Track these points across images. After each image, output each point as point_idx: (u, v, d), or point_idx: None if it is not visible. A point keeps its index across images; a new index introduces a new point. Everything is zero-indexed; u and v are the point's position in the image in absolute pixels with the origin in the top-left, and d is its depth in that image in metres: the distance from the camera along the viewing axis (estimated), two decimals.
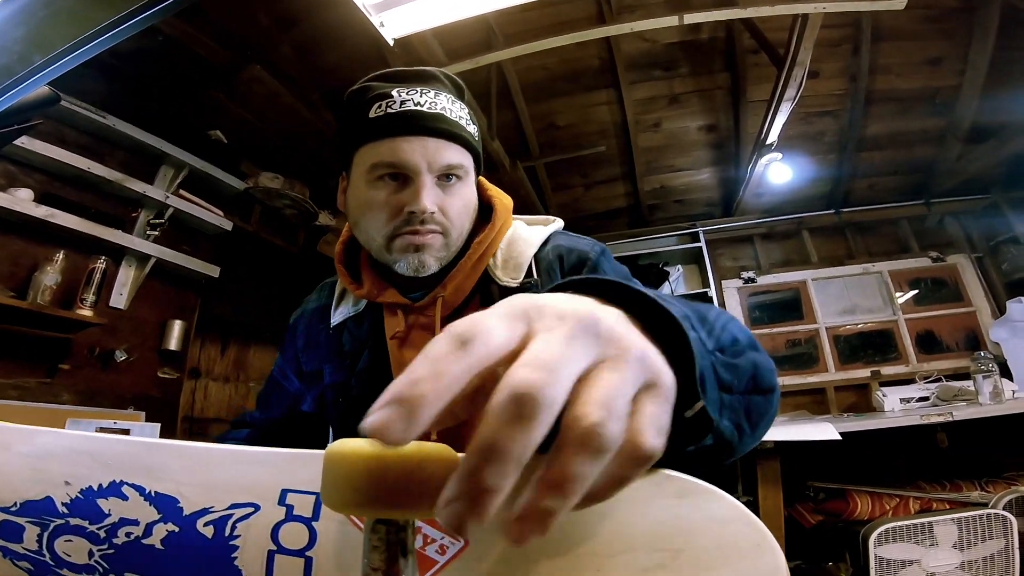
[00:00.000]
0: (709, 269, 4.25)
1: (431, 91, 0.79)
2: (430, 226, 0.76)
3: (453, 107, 0.80)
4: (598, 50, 3.45)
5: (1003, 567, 2.09)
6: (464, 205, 0.81)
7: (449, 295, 0.81)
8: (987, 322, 3.84)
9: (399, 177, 0.77)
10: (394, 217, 0.76)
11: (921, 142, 4.00)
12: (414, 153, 0.75)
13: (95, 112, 2.49)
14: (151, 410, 2.68)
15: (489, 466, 0.23)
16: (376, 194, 0.77)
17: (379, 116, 0.77)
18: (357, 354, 0.86)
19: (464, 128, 0.80)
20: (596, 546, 0.38)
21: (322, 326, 0.91)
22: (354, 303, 0.89)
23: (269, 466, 0.47)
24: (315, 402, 0.91)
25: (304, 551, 0.45)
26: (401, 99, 0.77)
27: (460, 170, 0.79)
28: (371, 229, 0.79)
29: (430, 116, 0.77)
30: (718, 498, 0.38)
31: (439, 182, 0.78)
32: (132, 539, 0.47)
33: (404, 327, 0.82)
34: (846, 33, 3.43)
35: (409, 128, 0.76)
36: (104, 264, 2.45)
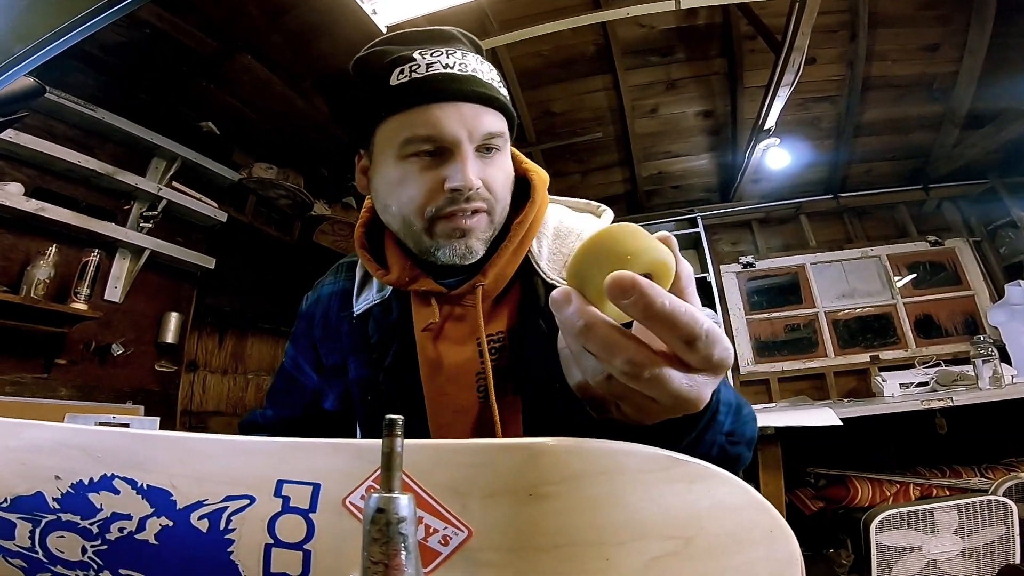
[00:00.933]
0: (707, 254, 4.23)
1: (456, 51, 0.70)
2: (475, 203, 0.69)
3: (482, 68, 0.71)
4: (594, 36, 3.43)
5: (1004, 554, 2.10)
6: (506, 177, 0.74)
7: (490, 283, 0.72)
8: (985, 306, 3.85)
9: (436, 150, 0.68)
10: (434, 196, 0.68)
11: (918, 128, 4.00)
12: (451, 122, 0.67)
13: (84, 105, 2.46)
14: (150, 404, 2.67)
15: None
16: (410, 172, 0.69)
17: (404, 83, 0.67)
18: (385, 346, 0.77)
19: (499, 91, 0.72)
20: (604, 534, 0.37)
21: (343, 314, 0.82)
22: (379, 288, 0.80)
23: (263, 456, 0.46)
24: (339, 400, 0.81)
25: (302, 544, 0.43)
26: (427, 62, 0.68)
27: (500, 138, 0.71)
28: (407, 211, 0.70)
29: (463, 79, 0.68)
30: (729, 483, 0.37)
31: (479, 153, 0.69)
32: (125, 534, 0.46)
33: (439, 318, 0.74)
34: (843, 19, 3.42)
35: (442, 94, 0.67)
36: (97, 257, 2.43)
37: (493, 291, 0.73)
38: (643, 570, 0.36)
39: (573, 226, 0.79)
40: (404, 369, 0.75)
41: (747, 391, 4.07)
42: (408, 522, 0.28)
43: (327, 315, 0.85)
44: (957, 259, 4.10)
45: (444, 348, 0.73)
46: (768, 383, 4.05)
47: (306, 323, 0.88)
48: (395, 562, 0.27)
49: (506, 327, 0.74)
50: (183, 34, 2.60)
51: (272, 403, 0.92)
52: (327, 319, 0.84)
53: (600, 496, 0.37)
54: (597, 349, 0.36)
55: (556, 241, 0.77)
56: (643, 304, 0.33)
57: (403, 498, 0.30)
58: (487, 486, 0.40)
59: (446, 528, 0.39)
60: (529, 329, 0.73)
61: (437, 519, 0.39)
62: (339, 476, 0.42)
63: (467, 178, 0.66)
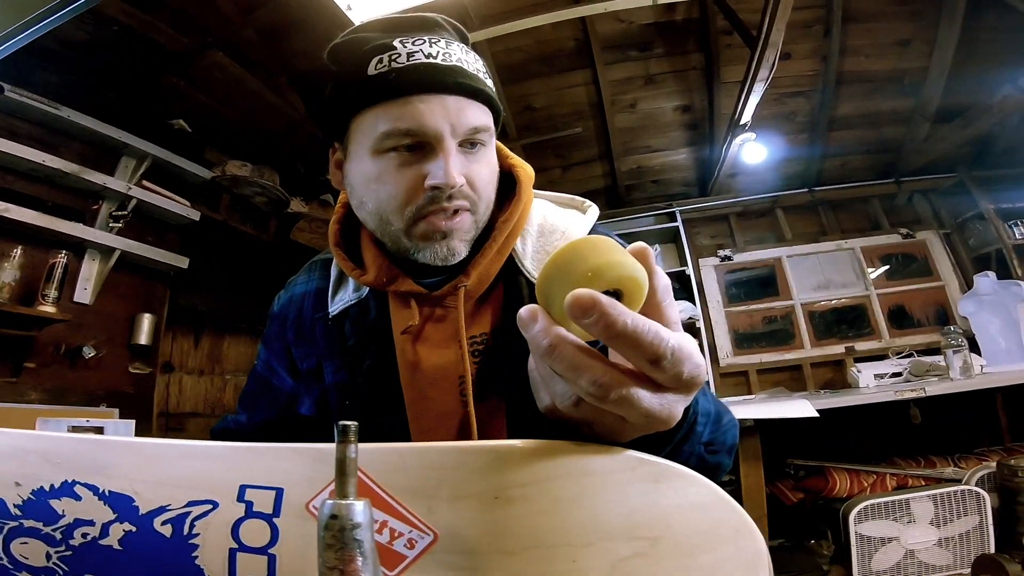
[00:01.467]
0: (686, 247, 4.27)
1: (439, 39, 0.66)
2: (457, 202, 0.65)
3: (467, 57, 0.67)
4: (573, 31, 3.43)
5: (979, 543, 2.15)
6: (491, 173, 0.70)
7: (472, 284, 0.70)
8: (955, 296, 3.94)
9: (416, 146, 0.64)
10: (414, 195, 0.64)
11: (891, 122, 4.07)
12: (434, 115, 0.63)
13: (47, 104, 2.40)
14: (124, 406, 2.62)
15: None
16: (388, 168, 0.65)
17: (383, 72, 0.63)
18: (363, 349, 0.74)
19: (484, 82, 0.68)
20: (571, 536, 0.37)
21: (318, 315, 0.78)
22: (355, 288, 0.76)
23: (225, 461, 0.45)
24: (316, 405, 0.78)
25: (267, 548, 0.43)
26: (407, 50, 0.64)
27: (485, 133, 0.68)
28: (385, 211, 0.67)
29: (447, 69, 0.64)
30: (695, 482, 0.37)
31: (462, 148, 0.66)
32: (89, 540, 0.46)
33: (418, 321, 0.71)
34: (818, 15, 3.47)
35: (424, 85, 0.63)
36: (65, 258, 2.38)
37: (476, 292, 0.71)
38: (610, 571, 0.36)
39: (557, 223, 0.76)
40: (383, 372, 0.73)
41: (727, 383, 4.13)
42: (363, 528, 0.28)
43: (300, 316, 0.80)
44: (928, 251, 4.19)
45: (425, 351, 0.71)
46: (747, 375, 4.11)
47: (278, 325, 0.83)
48: (351, 568, 0.27)
49: (489, 328, 0.72)
50: (152, 30, 2.54)
51: (245, 408, 0.87)
52: (300, 320, 0.80)
53: (566, 498, 0.37)
54: (563, 370, 0.35)
55: (541, 239, 0.75)
56: (604, 324, 0.32)
57: (357, 504, 0.29)
58: (453, 489, 0.39)
59: (411, 532, 0.39)
60: (514, 330, 0.70)
61: (402, 523, 0.39)
62: (302, 480, 0.42)
63: (450, 175, 0.62)
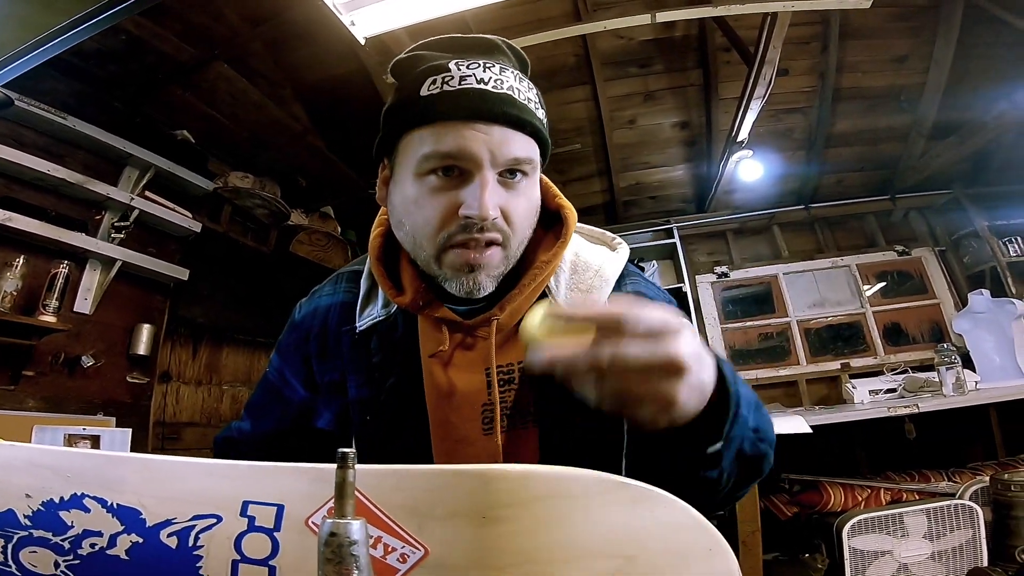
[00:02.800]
0: (683, 264, 4.29)
1: (495, 65, 0.66)
2: (489, 235, 0.64)
3: (521, 86, 0.66)
4: (574, 47, 3.46)
5: (972, 556, 2.15)
6: (529, 208, 0.70)
7: (504, 318, 0.70)
8: (951, 314, 3.96)
9: (455, 171, 0.64)
10: (447, 222, 0.64)
11: (887, 139, 4.10)
12: (475, 142, 0.62)
13: (55, 113, 2.42)
14: (121, 415, 2.62)
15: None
16: (426, 191, 0.65)
17: (434, 94, 0.63)
18: (388, 367, 0.74)
19: (534, 113, 0.67)
20: (551, 553, 0.39)
21: (345, 329, 0.77)
22: (383, 304, 0.76)
23: (229, 478, 0.47)
24: (336, 419, 0.77)
25: (267, 560, 0.45)
26: (460, 74, 0.64)
27: (528, 165, 0.67)
28: (418, 234, 0.67)
29: (496, 97, 0.63)
30: (671, 504, 0.39)
31: (502, 178, 0.65)
32: (97, 550, 0.48)
33: (448, 347, 0.71)
34: (815, 31, 3.50)
35: (471, 112, 0.63)
36: (67, 269, 2.39)
37: (507, 325, 0.71)
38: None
39: (591, 261, 0.77)
40: (407, 392, 0.73)
41: None
42: (360, 544, 0.30)
43: (325, 328, 0.79)
44: (923, 268, 4.21)
45: (452, 375, 0.72)
46: None
47: (299, 335, 0.82)
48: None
49: (516, 359, 0.72)
50: (161, 40, 2.58)
51: (251, 416, 0.87)
52: (325, 333, 0.79)
53: (548, 519, 0.39)
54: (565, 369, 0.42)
55: (574, 276, 0.75)
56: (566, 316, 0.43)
57: (355, 523, 0.32)
58: (443, 509, 0.42)
59: (404, 547, 0.41)
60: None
61: (395, 538, 0.41)
62: (302, 497, 0.44)
63: (483, 206, 0.62)
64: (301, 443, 0.82)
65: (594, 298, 0.74)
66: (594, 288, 0.74)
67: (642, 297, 0.78)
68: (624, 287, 0.78)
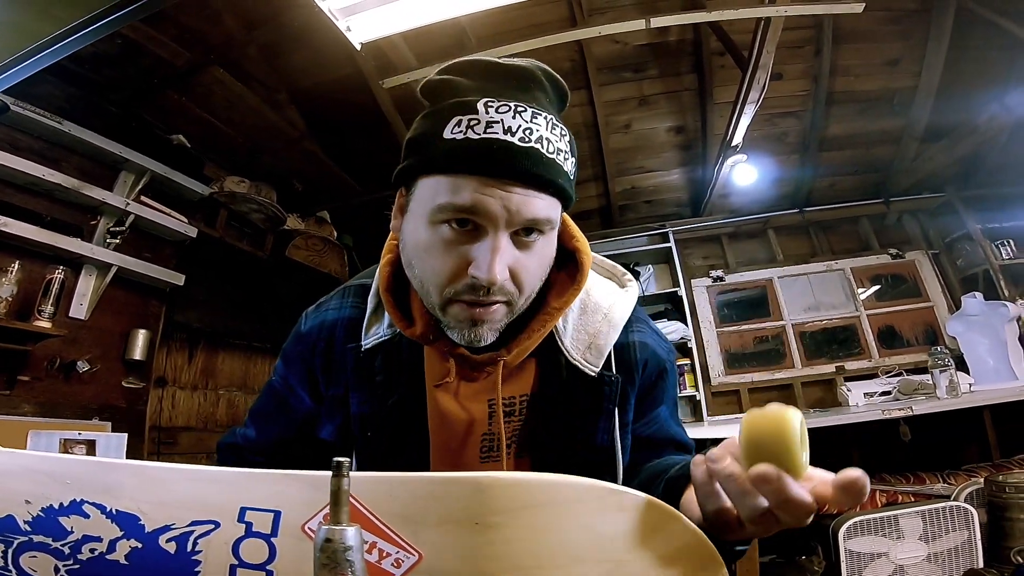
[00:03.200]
0: (679, 268, 4.29)
1: (528, 109, 0.62)
2: (495, 297, 0.63)
3: (552, 135, 0.63)
4: (569, 52, 3.47)
5: (967, 558, 2.16)
6: (540, 266, 0.68)
7: (511, 359, 0.72)
8: (944, 316, 3.98)
9: (469, 224, 0.62)
10: (455, 278, 0.63)
11: (880, 142, 4.12)
12: (492, 202, 0.60)
13: (50, 118, 2.42)
14: (117, 420, 2.62)
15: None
16: (438, 242, 0.63)
17: (457, 140, 0.60)
18: (390, 386, 0.75)
19: (560, 169, 0.64)
20: (543, 558, 0.40)
21: (350, 345, 0.77)
22: (388, 324, 0.76)
23: (227, 485, 0.48)
24: (338, 431, 0.78)
25: (264, 565, 0.46)
26: (487, 119, 0.60)
27: (546, 225, 0.65)
28: (426, 281, 0.66)
29: (521, 153, 0.60)
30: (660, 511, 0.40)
31: (516, 237, 0.63)
32: (96, 555, 0.49)
33: (455, 378, 0.73)
34: (808, 35, 3.51)
35: (491, 168, 0.60)
36: (62, 274, 2.39)
37: (512, 364, 0.73)
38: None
39: (600, 302, 0.77)
40: (408, 413, 0.75)
41: (718, 402, 4.14)
42: (354, 550, 0.31)
43: (331, 344, 0.80)
44: (917, 271, 4.24)
45: (454, 404, 0.74)
46: (738, 394, 4.13)
47: (304, 347, 0.82)
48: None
49: (518, 392, 0.75)
50: (156, 45, 2.58)
51: (255, 423, 0.87)
52: (331, 348, 0.80)
53: (540, 525, 0.40)
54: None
55: (582, 317, 0.76)
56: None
57: (349, 529, 0.33)
58: (437, 515, 0.43)
59: (398, 552, 0.42)
60: (547, 401, 0.75)
61: (390, 544, 0.42)
62: (298, 504, 0.45)
63: (492, 272, 0.60)
64: (305, 451, 0.82)
65: (600, 344, 0.75)
66: (600, 334, 0.75)
67: (645, 348, 0.79)
68: (630, 334, 0.79)
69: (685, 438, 0.84)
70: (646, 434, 0.81)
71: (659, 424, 0.82)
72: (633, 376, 0.78)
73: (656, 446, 0.81)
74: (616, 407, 0.75)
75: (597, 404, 0.75)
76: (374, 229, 4.23)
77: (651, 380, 0.80)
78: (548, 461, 0.74)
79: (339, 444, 0.78)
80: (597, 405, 0.75)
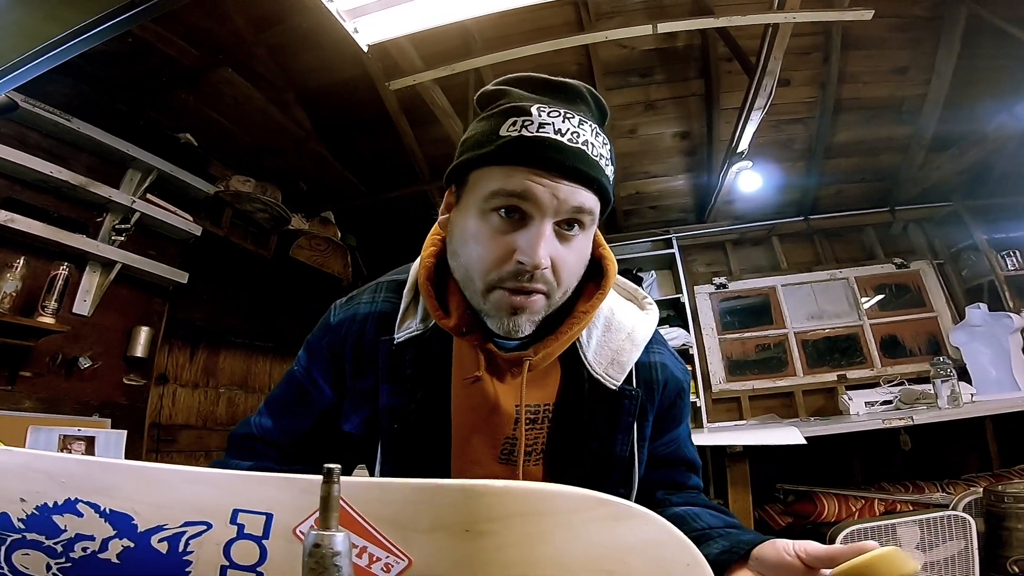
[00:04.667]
0: (682, 275, 4.29)
1: (575, 116, 0.67)
2: (537, 284, 0.66)
3: (596, 141, 0.68)
4: (576, 56, 3.47)
5: (964, 568, 2.15)
6: (579, 262, 0.71)
7: (536, 361, 0.73)
8: (948, 327, 3.96)
9: (516, 214, 0.66)
10: (501, 263, 0.66)
11: (887, 150, 4.10)
12: (542, 191, 0.64)
13: (59, 115, 2.44)
14: (117, 417, 2.63)
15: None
16: (486, 230, 0.67)
17: (512, 136, 0.65)
18: (419, 380, 0.77)
19: (603, 171, 0.68)
20: (533, 567, 0.40)
21: (383, 338, 0.79)
22: (422, 319, 0.78)
23: (220, 487, 0.48)
24: (364, 424, 0.79)
25: (255, 567, 0.46)
26: (540, 121, 0.65)
27: (588, 216, 0.68)
28: (471, 268, 0.69)
29: (570, 152, 0.65)
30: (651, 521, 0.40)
31: (559, 228, 0.67)
32: (89, 553, 0.49)
33: (484, 375, 0.75)
34: (817, 41, 3.49)
35: (543, 161, 0.64)
36: (67, 271, 2.40)
37: (538, 366, 0.75)
38: None
39: (624, 322, 0.80)
40: (435, 407, 0.76)
41: (719, 408, 4.13)
42: (342, 556, 0.31)
43: (362, 336, 0.81)
44: (921, 281, 4.21)
45: (480, 403, 0.75)
46: (739, 401, 4.12)
47: (333, 337, 0.82)
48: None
49: (540, 401, 0.77)
50: (166, 44, 2.60)
51: (271, 412, 0.87)
52: (362, 340, 0.81)
53: (531, 534, 0.40)
54: None
55: (606, 334, 0.79)
56: None
57: (338, 535, 0.33)
58: (428, 521, 0.43)
59: (388, 557, 0.42)
60: (568, 411, 0.77)
61: (380, 549, 0.42)
62: (290, 507, 0.45)
63: (536, 255, 0.64)
64: (322, 442, 0.83)
65: (622, 361, 0.78)
66: (623, 351, 0.78)
67: (666, 369, 0.82)
68: (652, 355, 0.82)
69: (696, 458, 0.89)
70: (663, 453, 0.85)
71: (677, 445, 0.86)
72: (653, 394, 0.80)
73: (671, 465, 0.85)
74: (636, 421, 0.78)
75: (616, 417, 0.77)
76: (378, 230, 4.24)
77: (670, 400, 0.83)
78: (566, 470, 0.76)
79: (364, 436, 0.79)
80: (616, 418, 0.77)
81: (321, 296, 0.90)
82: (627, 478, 0.78)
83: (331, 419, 0.83)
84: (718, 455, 2.71)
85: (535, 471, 0.78)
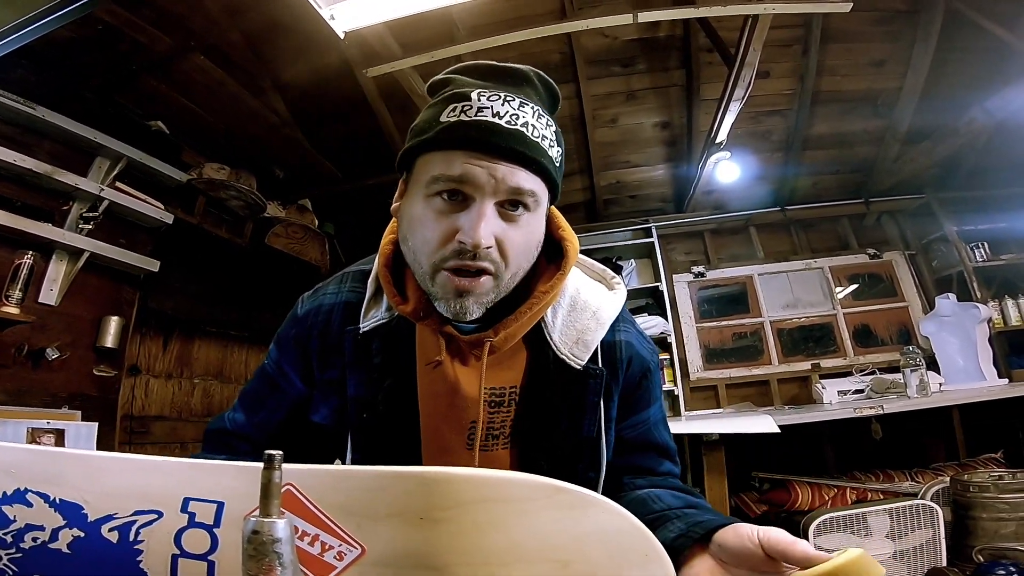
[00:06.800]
0: (661, 263, 4.32)
1: (516, 99, 0.68)
2: (481, 263, 0.66)
3: (538, 123, 0.69)
4: (559, 45, 3.44)
5: (932, 556, 2.21)
6: (526, 242, 0.70)
7: (498, 342, 0.73)
8: (918, 316, 4.05)
9: (459, 196, 0.66)
10: (443, 244, 0.67)
11: (862, 142, 4.16)
12: (479, 172, 0.65)
13: (21, 102, 2.37)
14: (88, 409, 2.57)
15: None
16: (430, 213, 0.68)
17: (451, 122, 0.66)
18: (386, 369, 0.77)
19: (544, 152, 0.69)
20: (489, 556, 0.40)
21: (348, 329, 0.79)
22: (387, 308, 0.78)
23: (170, 475, 0.48)
24: (333, 414, 0.80)
25: (207, 555, 0.46)
26: (479, 105, 0.66)
27: (531, 198, 0.68)
28: (418, 252, 0.70)
29: (507, 133, 0.66)
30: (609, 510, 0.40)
31: (503, 209, 0.67)
32: (39, 544, 0.49)
33: (446, 357, 0.75)
34: (797, 34, 3.52)
35: (479, 143, 0.65)
36: (31, 259, 2.34)
37: (499, 348, 0.74)
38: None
39: (589, 301, 0.80)
40: (402, 395, 0.77)
41: (696, 397, 4.19)
42: (283, 542, 0.31)
43: (328, 327, 0.81)
44: (894, 271, 4.30)
45: (442, 388, 0.75)
46: (716, 389, 4.17)
47: (301, 330, 0.83)
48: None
49: (507, 384, 0.77)
50: (136, 30, 2.53)
51: (245, 406, 0.88)
52: (328, 331, 0.81)
53: (486, 522, 0.40)
54: None
55: (571, 314, 0.79)
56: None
57: (279, 522, 0.32)
58: (382, 509, 0.42)
59: (341, 545, 0.42)
60: (534, 393, 0.78)
61: (333, 537, 0.42)
62: (242, 496, 0.44)
63: (476, 235, 0.64)
64: (295, 435, 0.84)
65: (587, 340, 0.77)
66: (588, 330, 0.78)
67: (630, 347, 0.82)
68: (617, 333, 0.81)
69: (669, 443, 0.87)
70: (630, 437, 0.83)
71: (645, 428, 0.85)
72: (617, 373, 0.80)
73: (639, 449, 0.84)
74: (601, 400, 0.78)
75: (582, 396, 0.77)
76: (356, 217, 4.19)
77: (635, 380, 0.82)
78: (534, 454, 0.77)
79: (333, 427, 0.80)
80: (582, 397, 0.77)
81: (298, 284, 0.90)
82: (595, 461, 0.78)
83: (304, 412, 0.83)
84: (695, 443, 2.74)
85: (503, 455, 0.78)
